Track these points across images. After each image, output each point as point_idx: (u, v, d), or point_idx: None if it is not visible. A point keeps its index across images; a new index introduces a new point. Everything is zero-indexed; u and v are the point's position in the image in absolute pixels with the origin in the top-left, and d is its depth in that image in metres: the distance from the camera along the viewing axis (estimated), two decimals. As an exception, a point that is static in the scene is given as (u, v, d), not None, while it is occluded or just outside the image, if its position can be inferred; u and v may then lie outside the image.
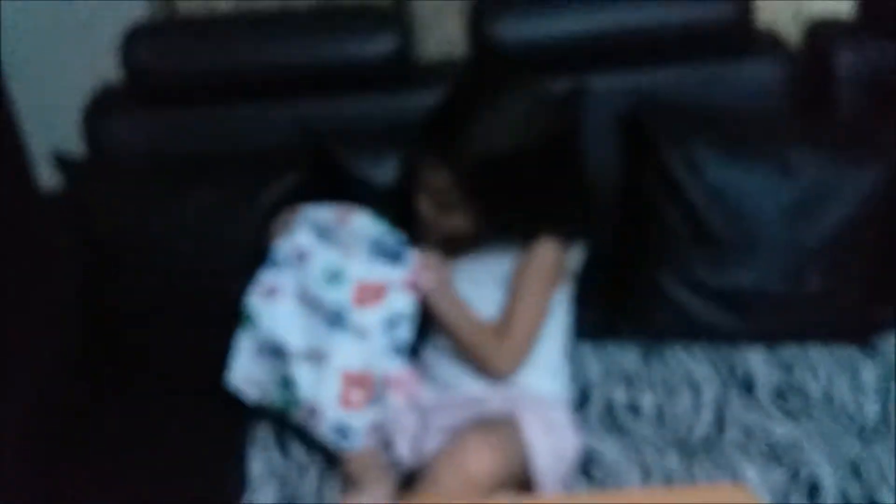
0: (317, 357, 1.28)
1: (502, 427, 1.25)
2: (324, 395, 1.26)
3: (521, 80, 1.30)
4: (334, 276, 1.29)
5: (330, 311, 1.28)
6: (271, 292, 1.32)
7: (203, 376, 1.41)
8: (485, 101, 1.27)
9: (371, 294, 1.28)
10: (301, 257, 1.32)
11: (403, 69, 1.62)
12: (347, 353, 1.27)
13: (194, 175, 1.51)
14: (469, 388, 1.34)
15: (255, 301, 1.32)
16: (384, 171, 1.49)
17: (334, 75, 1.60)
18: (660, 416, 1.38)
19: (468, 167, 1.25)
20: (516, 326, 1.31)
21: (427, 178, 1.30)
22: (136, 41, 1.56)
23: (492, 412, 1.29)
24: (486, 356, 1.31)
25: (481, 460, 1.18)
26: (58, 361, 1.46)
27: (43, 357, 1.46)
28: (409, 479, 1.25)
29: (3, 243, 1.69)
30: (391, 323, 1.28)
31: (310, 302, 1.30)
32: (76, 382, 1.49)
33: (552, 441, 1.26)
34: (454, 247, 1.38)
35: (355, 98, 1.60)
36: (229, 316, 1.35)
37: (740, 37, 1.63)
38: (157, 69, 1.57)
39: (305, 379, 1.27)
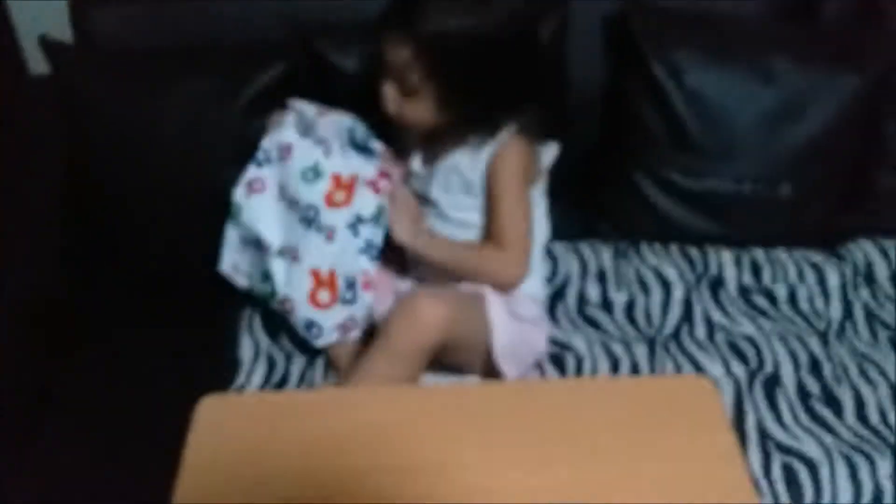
0: (291, 254, 1.31)
1: (465, 296, 1.28)
2: (296, 292, 1.30)
3: None
4: (312, 174, 1.30)
5: (304, 210, 1.30)
6: (255, 187, 1.34)
7: (192, 262, 1.44)
8: None
9: (343, 190, 1.29)
10: (284, 153, 1.33)
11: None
12: (316, 254, 1.29)
13: (181, 64, 1.49)
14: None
15: (240, 194, 1.34)
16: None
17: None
18: (630, 313, 1.42)
19: (426, 40, 1.21)
20: (509, 231, 1.29)
21: (388, 58, 1.26)
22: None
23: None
24: (494, 272, 1.29)
25: (433, 309, 1.20)
26: (44, 246, 1.47)
27: (30, 241, 1.47)
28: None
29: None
30: (358, 224, 1.29)
31: (289, 199, 1.32)
32: (63, 268, 1.51)
33: (517, 326, 1.28)
34: (422, 144, 1.36)
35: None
36: (214, 204, 1.36)
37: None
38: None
39: (280, 275, 1.31)
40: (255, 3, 1.57)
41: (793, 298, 1.45)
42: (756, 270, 1.49)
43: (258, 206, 1.33)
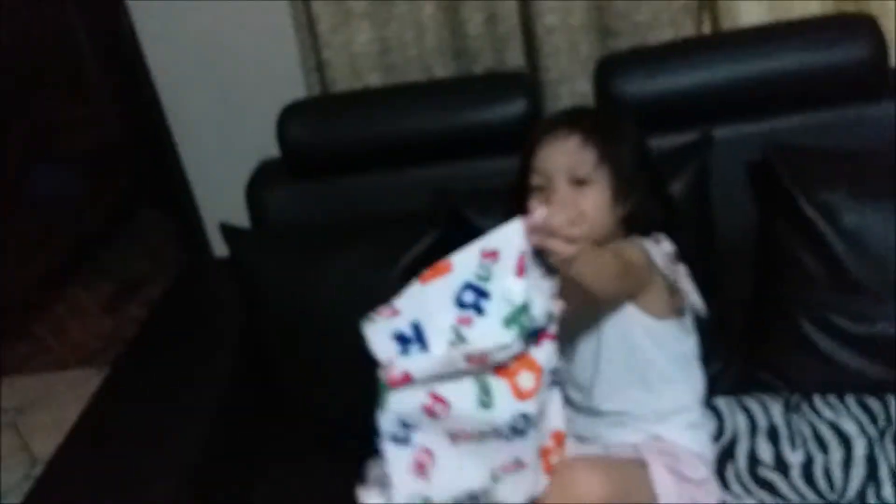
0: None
1: (625, 463, 1.19)
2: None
3: None
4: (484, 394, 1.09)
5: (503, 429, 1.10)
6: (421, 467, 1.13)
7: (353, 427, 1.43)
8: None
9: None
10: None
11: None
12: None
13: (341, 240, 1.54)
14: (608, 439, 1.27)
15: (419, 490, 1.12)
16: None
17: (470, 140, 1.61)
18: (808, 474, 1.28)
19: (597, 121, 1.30)
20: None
21: (557, 153, 1.27)
22: (288, 119, 1.63)
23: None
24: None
25: (591, 484, 1.11)
26: (222, 408, 1.50)
27: (208, 403, 1.50)
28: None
29: (181, 304, 1.77)
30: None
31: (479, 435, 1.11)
32: (238, 428, 1.54)
33: (684, 489, 1.18)
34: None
35: (489, 160, 1.59)
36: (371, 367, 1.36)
37: (876, 78, 1.52)
38: (307, 144, 1.63)
39: None
40: (407, 177, 1.62)
41: None
42: (945, 418, 1.32)
43: (445, 477, 1.12)
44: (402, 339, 1.12)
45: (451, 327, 1.08)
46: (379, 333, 1.14)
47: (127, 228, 2.95)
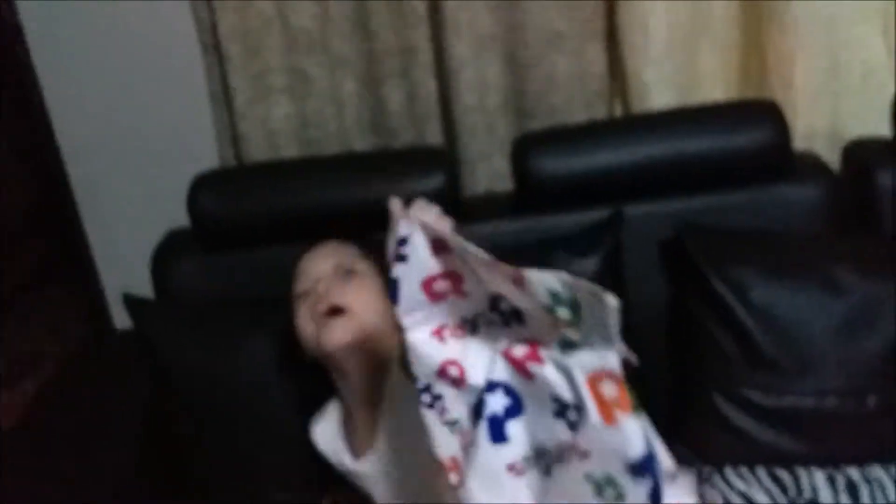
0: None
1: None
2: None
3: None
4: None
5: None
6: (517, 470, 1.03)
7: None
8: None
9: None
10: None
11: (452, 204, 1.62)
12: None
13: (253, 314, 1.52)
14: None
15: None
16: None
17: (386, 214, 1.61)
18: (723, 546, 1.29)
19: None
20: None
21: (321, 260, 1.32)
22: (200, 188, 1.61)
23: None
24: None
25: None
26: (121, 487, 1.43)
27: (107, 483, 1.44)
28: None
29: (78, 377, 1.70)
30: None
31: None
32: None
33: None
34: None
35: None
36: (287, 446, 1.33)
37: (780, 161, 1.61)
38: (218, 214, 1.61)
39: None
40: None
41: (899, 521, 1.31)
42: (853, 491, 1.35)
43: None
44: None
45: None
46: None
47: (27, 302, 2.83)
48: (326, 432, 1.35)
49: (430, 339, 1.03)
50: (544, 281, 0.93)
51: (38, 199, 2.09)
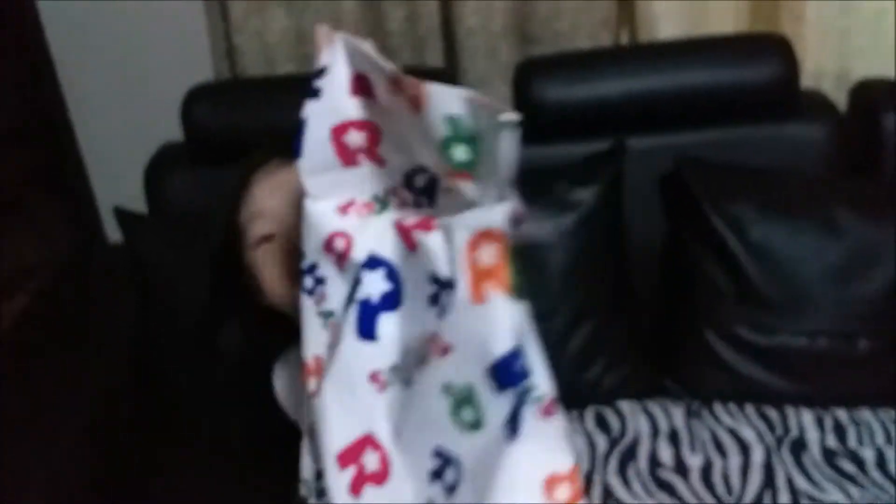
0: None
1: None
2: None
3: None
4: None
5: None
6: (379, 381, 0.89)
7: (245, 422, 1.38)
8: None
9: None
10: None
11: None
12: None
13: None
14: None
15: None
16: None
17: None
18: (707, 477, 1.28)
19: None
20: None
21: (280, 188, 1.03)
22: (193, 102, 1.56)
23: None
24: None
25: None
26: (109, 399, 1.43)
27: (95, 394, 1.43)
28: None
29: (68, 290, 1.68)
30: None
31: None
32: (124, 423, 1.47)
33: None
34: None
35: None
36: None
37: (786, 98, 1.57)
38: (212, 128, 1.57)
39: None
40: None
41: (882, 463, 1.30)
42: (840, 432, 1.35)
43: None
44: None
45: None
46: None
47: (21, 215, 2.78)
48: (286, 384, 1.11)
49: (331, 213, 0.87)
50: (446, 102, 0.77)
51: (31, 110, 2.03)
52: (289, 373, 1.06)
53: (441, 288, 0.79)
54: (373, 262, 0.85)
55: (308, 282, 0.88)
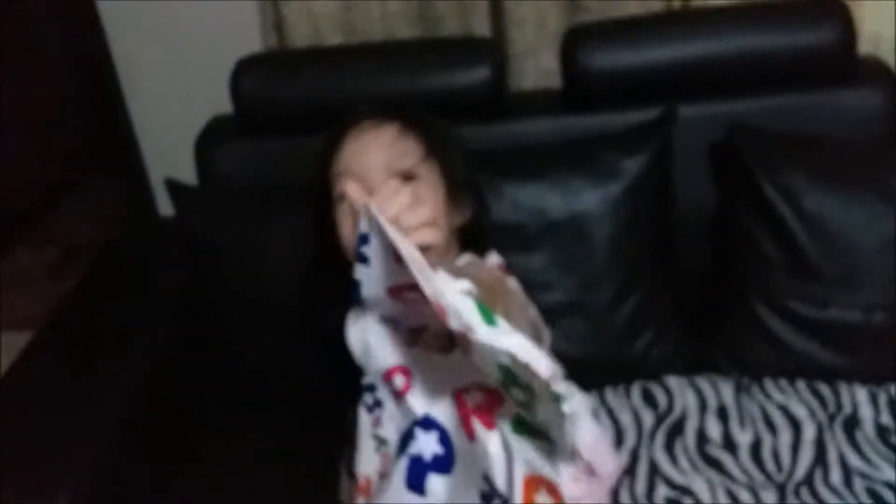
0: None
1: None
2: None
3: None
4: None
5: None
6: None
7: (292, 389, 1.40)
8: None
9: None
10: None
11: (498, 99, 1.56)
12: None
13: (293, 202, 1.48)
14: None
15: None
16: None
17: (433, 104, 1.55)
18: (756, 454, 1.25)
19: (411, 109, 1.10)
20: None
21: (374, 148, 1.05)
22: (242, 74, 1.56)
23: None
24: None
25: None
26: (152, 375, 1.45)
27: (138, 369, 1.44)
28: None
29: (119, 263, 1.71)
30: None
31: None
32: (174, 388, 1.50)
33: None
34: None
35: (453, 127, 1.54)
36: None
37: (843, 64, 1.51)
38: (262, 100, 1.56)
39: None
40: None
41: (938, 440, 1.27)
42: (894, 409, 1.30)
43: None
44: None
45: None
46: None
47: (75, 191, 2.84)
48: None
49: (393, 345, 0.92)
50: (493, 353, 0.76)
51: (83, 87, 2.06)
52: (361, 324, 1.01)
53: (492, 492, 0.84)
54: (427, 423, 0.89)
55: (368, 399, 0.93)
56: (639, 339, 1.40)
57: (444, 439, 0.89)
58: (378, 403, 0.93)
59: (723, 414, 1.31)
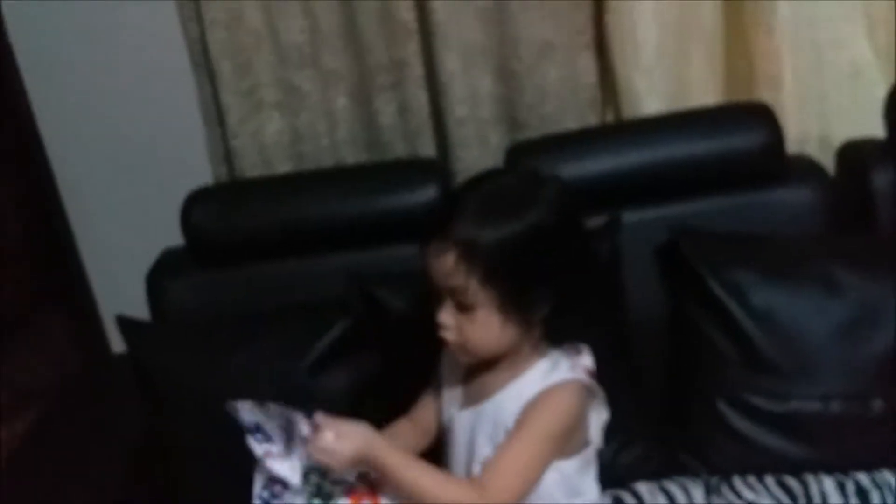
0: None
1: None
2: None
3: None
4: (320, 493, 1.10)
5: None
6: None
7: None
8: (481, 183, 1.15)
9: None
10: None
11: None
12: None
13: (248, 331, 1.45)
14: None
15: None
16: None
17: (382, 226, 1.57)
18: (732, 556, 1.23)
19: (466, 241, 1.05)
20: (501, 477, 1.05)
21: (434, 274, 1.08)
22: (193, 204, 1.56)
23: None
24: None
25: None
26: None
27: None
28: None
29: (72, 406, 1.64)
30: None
31: None
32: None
33: None
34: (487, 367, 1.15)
35: (400, 247, 1.53)
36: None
37: (774, 164, 1.56)
38: (213, 230, 1.56)
39: None
40: (317, 265, 1.56)
41: (910, 525, 1.25)
42: (863, 497, 1.29)
43: None
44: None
45: None
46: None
47: (23, 330, 2.73)
48: None
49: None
50: None
51: (31, 222, 2.02)
52: None
53: None
54: None
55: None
56: (606, 447, 1.37)
57: None
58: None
59: (695, 518, 1.28)
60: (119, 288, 1.81)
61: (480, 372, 1.16)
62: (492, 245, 1.04)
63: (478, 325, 1.07)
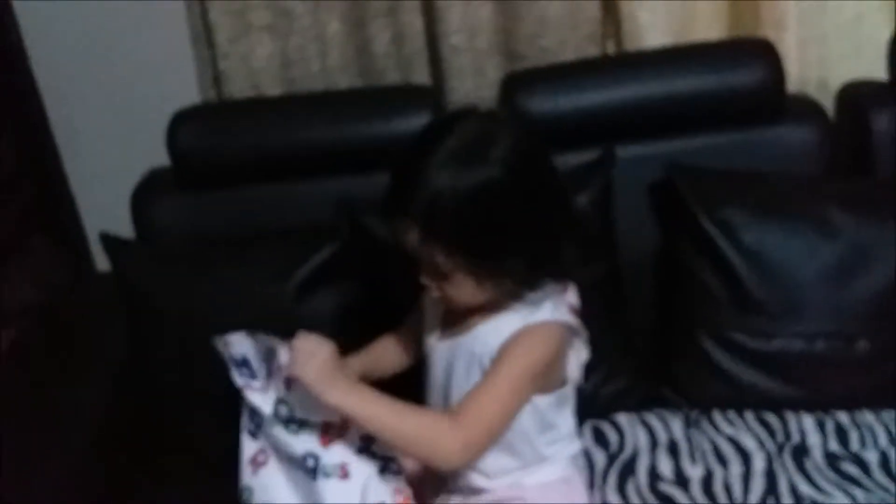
0: None
1: None
2: None
3: (469, 114, 1.10)
4: (295, 425, 1.11)
5: (304, 462, 1.09)
6: (259, 461, 1.14)
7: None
8: (431, 140, 1.06)
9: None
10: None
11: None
12: (342, 497, 1.07)
13: (234, 252, 1.45)
14: (468, 480, 1.14)
15: (247, 476, 1.14)
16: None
17: (371, 152, 1.55)
18: (708, 488, 1.24)
19: (425, 217, 1.02)
20: (476, 412, 1.04)
21: (407, 247, 1.07)
22: (180, 125, 1.54)
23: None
24: (431, 441, 1.04)
25: None
26: (101, 425, 1.40)
27: (86, 422, 1.40)
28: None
29: (54, 323, 1.65)
30: (370, 445, 1.09)
31: (288, 458, 1.12)
32: (114, 446, 1.43)
33: None
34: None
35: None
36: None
37: (774, 102, 1.54)
38: (199, 152, 1.54)
39: None
40: (304, 190, 1.55)
41: (885, 465, 1.26)
42: (842, 436, 1.31)
43: (267, 480, 1.13)
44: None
45: None
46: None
47: (12, 252, 2.73)
48: None
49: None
50: None
51: (22, 147, 2.01)
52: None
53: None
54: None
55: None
56: (589, 377, 1.37)
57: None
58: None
59: (673, 449, 1.30)
60: (106, 208, 1.80)
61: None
62: (449, 217, 1.02)
63: (455, 286, 1.07)
